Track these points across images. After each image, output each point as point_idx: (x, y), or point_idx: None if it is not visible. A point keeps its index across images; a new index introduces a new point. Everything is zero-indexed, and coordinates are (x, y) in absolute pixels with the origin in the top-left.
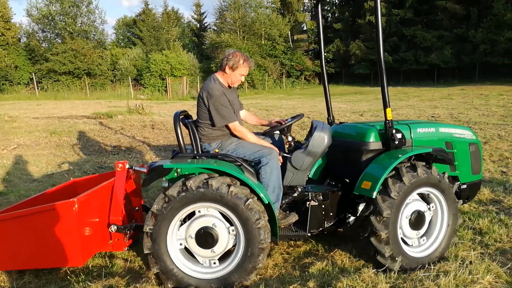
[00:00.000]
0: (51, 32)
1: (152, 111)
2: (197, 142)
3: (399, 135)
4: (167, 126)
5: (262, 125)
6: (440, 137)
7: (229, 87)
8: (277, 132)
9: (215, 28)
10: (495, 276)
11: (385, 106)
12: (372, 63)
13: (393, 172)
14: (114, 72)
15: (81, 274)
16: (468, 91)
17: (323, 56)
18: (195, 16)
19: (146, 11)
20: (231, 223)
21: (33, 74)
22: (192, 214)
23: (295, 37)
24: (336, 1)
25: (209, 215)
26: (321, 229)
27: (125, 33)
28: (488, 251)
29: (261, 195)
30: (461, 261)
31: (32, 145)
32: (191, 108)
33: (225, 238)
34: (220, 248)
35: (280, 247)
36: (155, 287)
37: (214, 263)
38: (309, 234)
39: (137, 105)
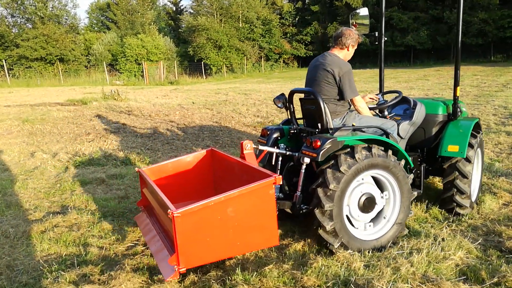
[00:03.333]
0: (21, 17)
1: (128, 96)
2: (329, 119)
3: (462, 109)
4: (144, 112)
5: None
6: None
7: None
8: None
9: (192, 11)
10: (466, 252)
11: (456, 84)
12: None
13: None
14: (88, 57)
15: (54, 263)
16: (443, 72)
17: (382, 40)
18: None
19: None
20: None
21: (4, 61)
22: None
23: (356, 22)
24: None
25: (366, 182)
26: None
27: (98, 17)
28: (460, 228)
29: (407, 156)
30: (434, 238)
31: (3, 133)
32: (168, 93)
33: (380, 202)
34: (375, 211)
35: None
36: (129, 274)
37: (370, 225)
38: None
39: (113, 91)
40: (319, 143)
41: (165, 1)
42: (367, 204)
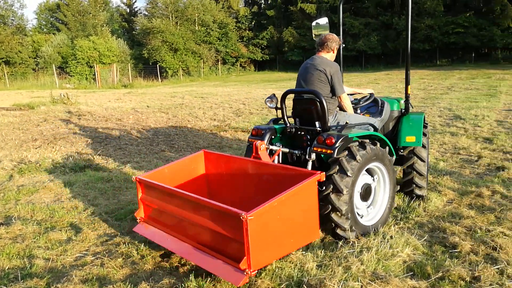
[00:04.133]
0: None
1: (79, 100)
2: (327, 116)
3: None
4: (95, 116)
5: None
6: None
7: None
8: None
9: (146, 13)
10: (413, 249)
11: (407, 83)
12: (304, 50)
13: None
14: (36, 60)
15: None
16: (392, 75)
17: (341, 47)
18: (125, 1)
19: None
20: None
21: None
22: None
23: (317, 31)
24: None
25: (364, 173)
26: None
27: (47, 18)
28: (407, 225)
29: (392, 148)
30: (383, 236)
31: None
32: (122, 97)
33: (374, 187)
34: (371, 198)
35: None
36: (78, 286)
37: (368, 212)
38: None
39: (62, 94)
40: (333, 140)
41: (118, 3)
42: (366, 193)
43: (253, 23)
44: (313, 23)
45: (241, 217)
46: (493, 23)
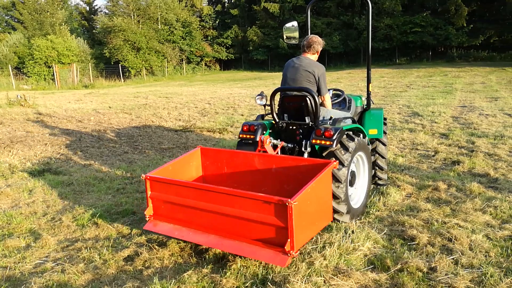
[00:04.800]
0: None
1: (37, 102)
2: (319, 112)
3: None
4: (54, 118)
5: None
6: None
7: None
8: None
9: (107, 12)
10: (373, 242)
11: (369, 81)
12: (268, 49)
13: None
14: None
15: None
16: (354, 74)
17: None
18: None
19: None
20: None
21: None
22: None
23: (288, 34)
24: None
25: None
26: None
27: (2, 17)
28: (368, 220)
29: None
30: (344, 231)
31: None
32: (82, 97)
33: (356, 173)
34: (355, 183)
35: None
36: None
37: (353, 196)
38: None
39: (19, 96)
40: (332, 133)
41: (77, 1)
42: (352, 178)
43: (217, 22)
44: (284, 26)
45: (287, 203)
46: (449, 23)
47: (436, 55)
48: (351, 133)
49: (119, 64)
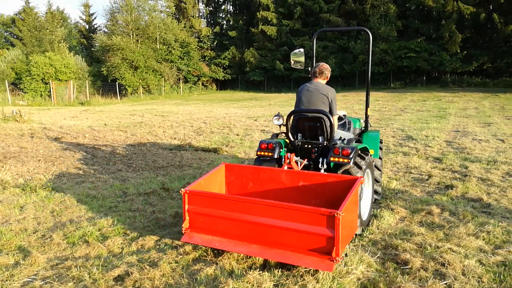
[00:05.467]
0: None
1: (32, 118)
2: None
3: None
4: (49, 135)
5: None
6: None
7: None
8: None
9: (106, 30)
10: (366, 266)
11: (367, 106)
12: (265, 70)
13: None
14: None
15: None
16: (349, 97)
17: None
18: (84, 17)
19: (26, 10)
20: None
21: None
22: None
23: (294, 59)
24: (231, 10)
25: None
26: None
27: (1, 33)
28: (361, 243)
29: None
30: None
31: None
32: (78, 114)
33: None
34: (363, 196)
35: (168, 256)
36: None
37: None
38: None
39: (15, 111)
40: (349, 151)
41: (77, 19)
42: (361, 192)
43: (215, 43)
44: (292, 53)
45: (336, 214)
46: (443, 49)
47: (430, 80)
48: (359, 152)
49: (116, 82)
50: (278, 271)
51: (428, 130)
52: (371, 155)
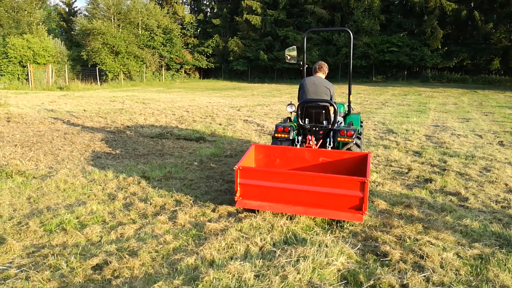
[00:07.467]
0: None
1: (9, 102)
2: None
3: (352, 107)
4: (26, 119)
5: None
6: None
7: None
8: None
9: (87, 14)
10: (347, 257)
11: (349, 93)
12: (249, 60)
13: None
14: None
15: None
16: None
17: (304, 68)
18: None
19: None
20: None
21: None
22: None
23: (288, 53)
24: None
25: None
26: None
27: None
28: (342, 234)
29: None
30: (319, 245)
31: None
32: (56, 99)
33: None
34: None
35: (148, 245)
36: None
37: None
38: None
39: None
40: (352, 133)
41: (56, 1)
42: None
43: (198, 30)
44: (286, 49)
45: (366, 181)
46: (424, 44)
47: (411, 74)
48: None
49: (96, 67)
50: (259, 262)
51: (408, 124)
52: (360, 134)
